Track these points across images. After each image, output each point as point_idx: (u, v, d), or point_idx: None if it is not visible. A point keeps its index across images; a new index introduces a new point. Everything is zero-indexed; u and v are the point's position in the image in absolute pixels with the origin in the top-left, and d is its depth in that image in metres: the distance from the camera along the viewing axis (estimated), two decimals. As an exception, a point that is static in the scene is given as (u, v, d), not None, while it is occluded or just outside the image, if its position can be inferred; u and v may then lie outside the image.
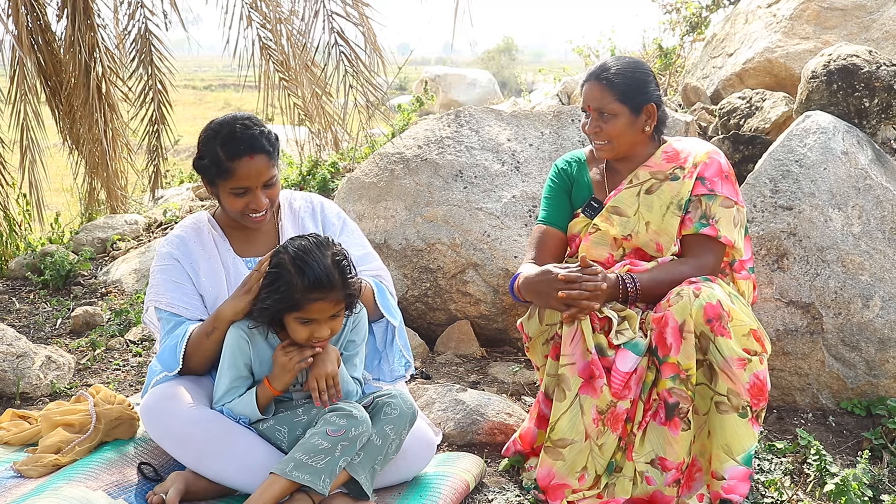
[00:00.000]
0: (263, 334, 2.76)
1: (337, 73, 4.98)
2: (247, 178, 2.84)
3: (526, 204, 4.28)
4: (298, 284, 2.58)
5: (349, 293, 2.67)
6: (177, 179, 8.38)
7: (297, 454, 2.53)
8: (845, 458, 3.29)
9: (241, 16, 5.23)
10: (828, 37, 5.08)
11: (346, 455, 2.57)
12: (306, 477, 2.50)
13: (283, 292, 2.60)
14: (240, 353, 2.74)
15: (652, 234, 3.07)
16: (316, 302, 2.60)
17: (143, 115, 6.18)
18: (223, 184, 2.87)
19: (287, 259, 2.62)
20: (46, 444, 2.95)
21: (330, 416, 2.61)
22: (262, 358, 2.76)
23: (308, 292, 2.58)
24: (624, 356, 2.82)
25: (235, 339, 2.74)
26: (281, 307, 2.62)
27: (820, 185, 3.67)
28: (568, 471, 2.82)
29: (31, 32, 5.88)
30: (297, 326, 2.64)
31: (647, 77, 3.12)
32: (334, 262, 2.63)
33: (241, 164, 2.83)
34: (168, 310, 2.92)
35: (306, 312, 2.61)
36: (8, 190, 6.14)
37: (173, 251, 2.99)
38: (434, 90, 13.28)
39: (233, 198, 2.88)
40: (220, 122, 2.93)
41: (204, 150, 2.90)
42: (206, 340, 2.80)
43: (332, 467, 2.54)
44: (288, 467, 2.51)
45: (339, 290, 2.62)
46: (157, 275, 2.98)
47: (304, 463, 2.52)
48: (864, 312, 3.54)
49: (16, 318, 4.89)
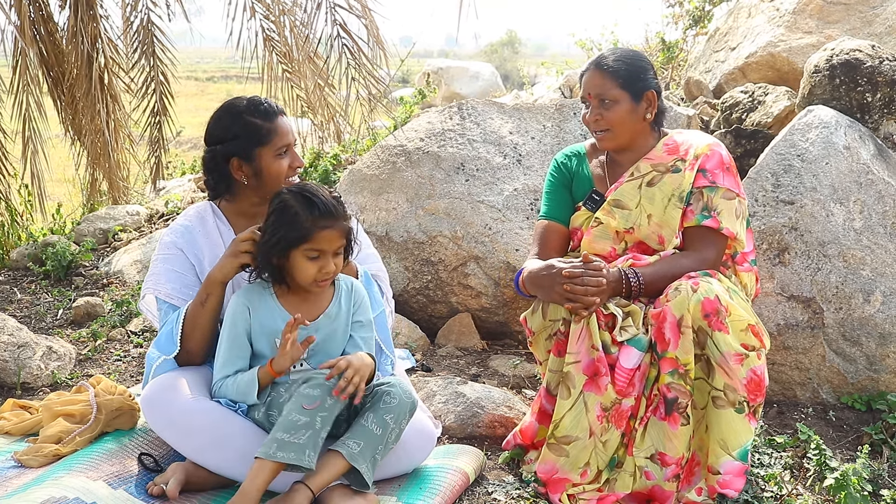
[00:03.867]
0: (264, 291, 2.79)
1: (339, 66, 4.97)
2: (285, 134, 2.95)
3: (527, 197, 4.28)
4: (306, 214, 2.65)
5: (350, 229, 2.74)
6: (178, 171, 8.38)
7: (277, 434, 2.52)
8: (845, 453, 3.30)
9: (244, 7, 5.21)
10: (831, 31, 5.07)
11: (326, 426, 2.56)
12: (291, 455, 2.48)
13: (291, 224, 2.66)
14: (241, 320, 2.76)
15: (654, 226, 3.07)
16: (325, 230, 2.65)
17: (145, 106, 6.17)
18: (265, 149, 2.91)
19: (289, 196, 2.69)
20: (47, 435, 2.96)
21: (303, 388, 2.60)
22: (262, 324, 2.77)
23: (317, 220, 2.64)
24: (627, 353, 2.81)
25: (236, 305, 2.78)
26: (291, 238, 2.66)
27: (822, 179, 3.67)
28: (571, 466, 2.82)
29: (34, 23, 5.87)
30: (305, 263, 2.68)
31: (646, 65, 3.14)
32: (334, 197, 2.72)
33: (279, 122, 2.94)
34: (168, 300, 2.93)
35: (315, 242, 2.66)
36: (10, 180, 6.13)
37: (177, 240, 3.00)
38: (436, 83, 13.25)
39: (278, 160, 2.93)
40: (233, 100, 3.00)
41: (232, 129, 2.92)
42: (202, 310, 2.82)
43: (315, 440, 2.53)
44: (271, 449, 2.50)
45: (344, 220, 2.70)
46: (159, 263, 2.98)
47: (287, 441, 2.50)
48: (864, 307, 3.54)
49: (17, 308, 4.89)
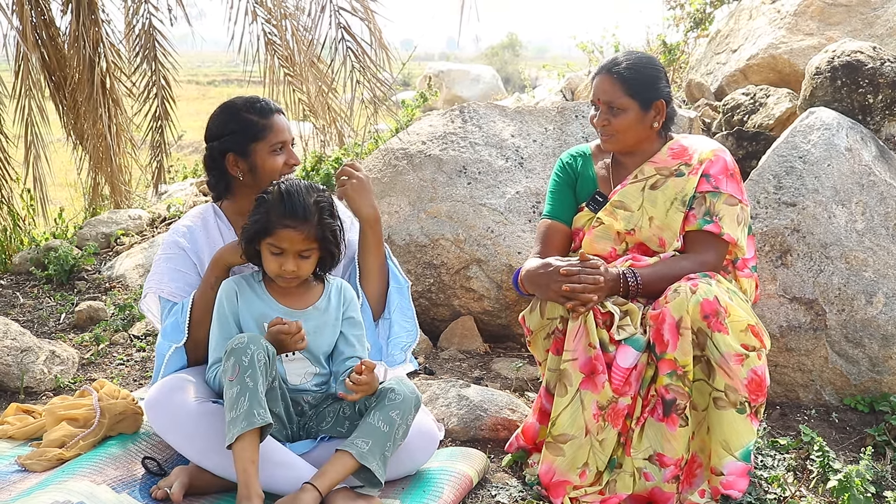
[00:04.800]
0: (254, 278, 2.87)
1: (344, 69, 4.99)
2: (281, 131, 3.00)
3: (529, 200, 4.28)
4: (276, 209, 2.72)
5: (324, 236, 2.76)
6: (180, 175, 8.39)
7: (226, 418, 2.54)
8: (848, 455, 3.29)
9: (246, 11, 5.23)
10: (832, 33, 5.07)
11: (259, 380, 2.57)
12: (242, 425, 2.49)
13: (261, 214, 2.74)
14: (227, 304, 2.81)
15: (655, 229, 3.07)
16: (286, 229, 2.71)
17: (147, 110, 6.18)
18: (260, 145, 2.97)
19: (273, 188, 2.78)
20: (51, 439, 2.96)
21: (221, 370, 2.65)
22: (250, 309, 2.81)
23: (282, 218, 2.71)
24: (624, 352, 2.82)
25: (224, 290, 2.84)
26: (257, 229, 2.74)
27: (824, 181, 3.67)
28: (568, 467, 2.82)
29: (36, 27, 5.88)
30: (268, 256, 2.76)
31: (658, 73, 3.11)
32: (316, 201, 2.76)
33: (275, 119, 3.00)
34: (171, 299, 2.95)
35: (276, 239, 2.72)
36: (12, 185, 6.14)
37: (180, 240, 3.03)
38: (437, 86, 13.26)
39: (273, 156, 2.99)
40: (231, 100, 3.06)
41: (228, 125, 3.00)
42: (212, 294, 2.86)
43: (256, 397, 2.54)
44: (228, 434, 2.51)
45: (313, 227, 2.73)
46: (162, 263, 3.01)
47: (234, 417, 2.52)
48: (867, 309, 3.54)
49: (20, 312, 4.90)
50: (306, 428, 2.87)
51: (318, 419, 2.86)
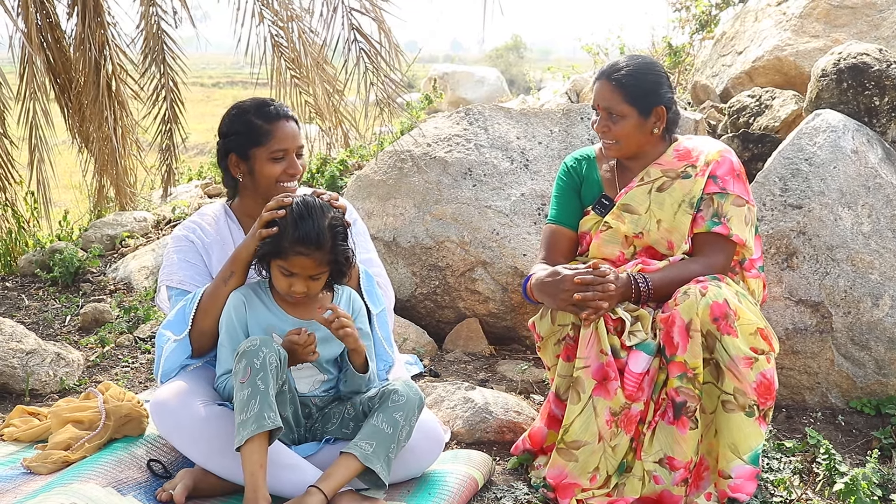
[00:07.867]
0: (262, 287, 2.84)
1: (357, 70, 4.98)
2: (284, 139, 2.94)
3: (535, 202, 4.27)
4: (290, 235, 2.67)
5: (336, 260, 2.72)
6: (185, 177, 8.39)
7: (236, 420, 2.55)
8: (854, 458, 3.29)
9: (252, 13, 5.23)
10: (838, 35, 5.06)
11: (270, 383, 2.58)
12: (252, 428, 2.50)
13: (277, 235, 2.70)
14: (235, 314, 2.79)
15: (663, 231, 3.07)
16: (299, 256, 2.67)
17: (156, 114, 6.17)
18: (260, 150, 2.93)
19: (294, 207, 2.72)
20: (56, 441, 2.96)
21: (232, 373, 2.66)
22: (258, 319, 2.79)
23: (295, 244, 2.67)
24: (636, 357, 2.81)
25: (232, 301, 2.81)
26: (270, 251, 2.71)
27: (829, 183, 3.66)
28: (580, 471, 2.82)
29: (41, 30, 5.89)
30: (278, 275, 2.73)
31: (658, 79, 3.09)
32: (330, 225, 2.70)
33: (278, 126, 2.94)
34: (179, 286, 2.96)
35: (289, 264, 2.69)
36: (16, 188, 6.15)
37: (189, 234, 3.05)
38: (442, 88, 13.27)
39: (271, 164, 2.94)
40: (244, 101, 3.03)
41: (234, 125, 2.98)
42: (224, 288, 2.83)
43: (266, 400, 2.55)
44: (238, 437, 2.52)
45: (326, 253, 2.69)
46: (172, 255, 3.02)
47: (244, 420, 2.52)
48: (873, 311, 3.53)
49: (25, 315, 4.90)
50: (312, 430, 2.87)
51: (323, 421, 2.86)
